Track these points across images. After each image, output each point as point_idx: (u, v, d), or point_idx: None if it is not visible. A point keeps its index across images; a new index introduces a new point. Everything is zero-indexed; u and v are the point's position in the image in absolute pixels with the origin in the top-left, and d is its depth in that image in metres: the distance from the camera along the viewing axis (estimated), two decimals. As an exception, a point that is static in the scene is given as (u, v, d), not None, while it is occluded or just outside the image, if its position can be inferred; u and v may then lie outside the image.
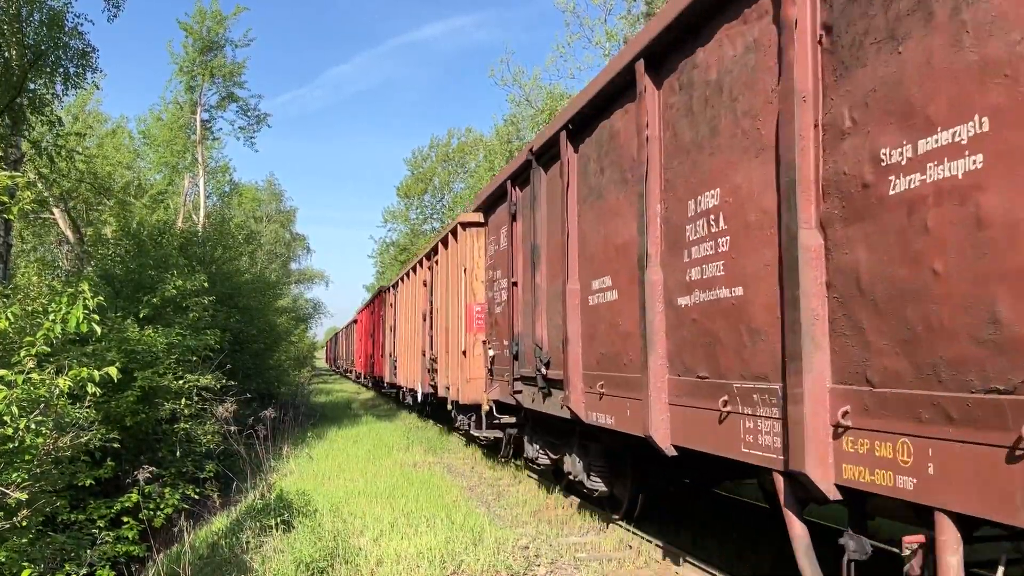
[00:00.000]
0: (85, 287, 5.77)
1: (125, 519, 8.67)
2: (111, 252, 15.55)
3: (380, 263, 55.70)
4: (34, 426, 5.48)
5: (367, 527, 7.57)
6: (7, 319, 5.74)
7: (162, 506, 9.34)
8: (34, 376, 5.45)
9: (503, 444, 11.28)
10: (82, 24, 22.25)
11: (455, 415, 13.31)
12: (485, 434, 11.71)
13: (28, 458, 5.73)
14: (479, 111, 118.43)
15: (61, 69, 16.29)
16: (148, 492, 9.05)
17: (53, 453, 6.50)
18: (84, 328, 5.60)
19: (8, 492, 5.35)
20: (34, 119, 16.46)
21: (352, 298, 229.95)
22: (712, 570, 5.79)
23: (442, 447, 14.56)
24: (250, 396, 15.43)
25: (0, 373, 5.17)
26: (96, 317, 5.68)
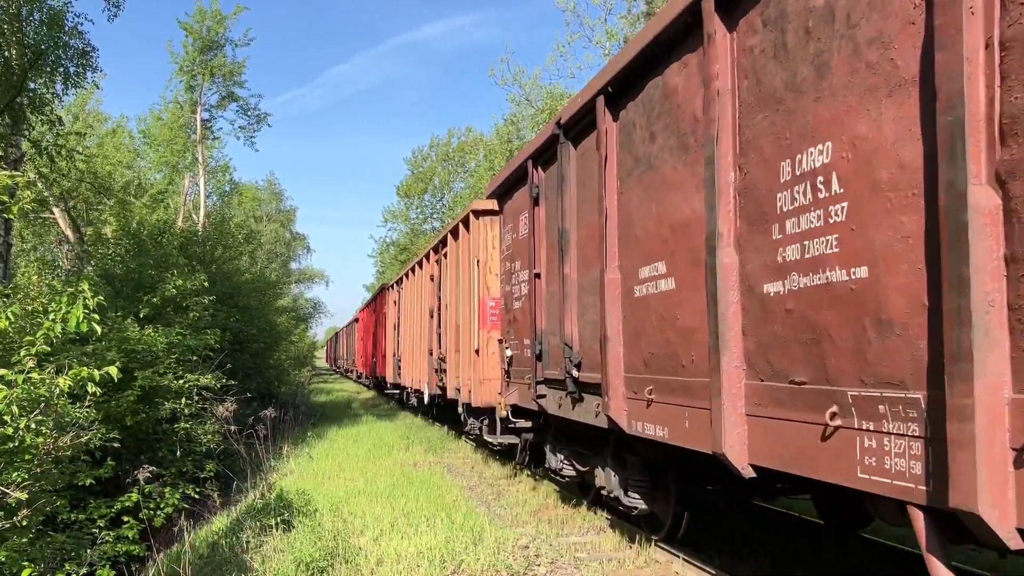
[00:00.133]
0: (85, 286, 5.76)
1: (125, 518, 8.68)
2: (111, 252, 15.55)
3: (380, 263, 55.75)
4: (34, 425, 5.49)
5: (367, 527, 7.57)
6: (7, 318, 5.75)
7: (162, 506, 9.34)
8: (34, 375, 5.45)
9: (518, 451, 10.46)
10: (82, 23, 22.30)
11: (465, 418, 12.63)
12: (500, 440, 10.94)
13: (28, 457, 5.74)
14: (479, 111, 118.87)
15: (61, 68, 16.31)
16: (148, 492, 9.06)
17: (53, 453, 6.50)
18: (84, 327, 5.60)
19: (8, 492, 5.35)
20: (34, 118, 16.48)
21: (352, 298, 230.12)
22: (712, 570, 5.79)
23: (442, 447, 14.56)
24: (250, 396, 15.43)
25: (0, 372, 5.18)
26: (96, 317, 5.68)
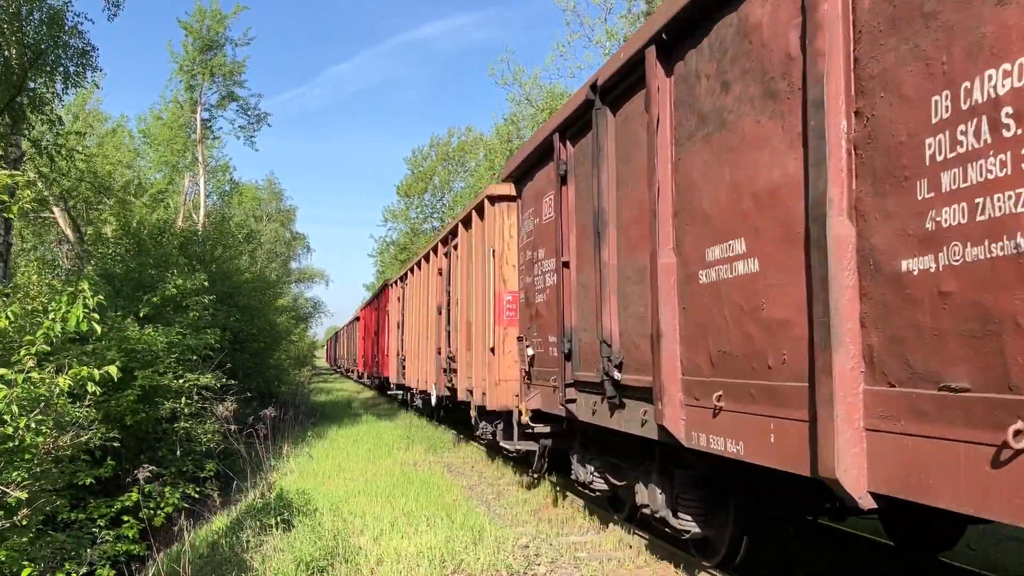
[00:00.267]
0: (85, 286, 5.76)
1: (125, 518, 8.69)
2: (111, 251, 15.57)
3: (380, 262, 55.79)
4: (34, 425, 5.48)
5: (367, 526, 7.57)
6: (7, 318, 5.74)
7: (162, 505, 9.34)
8: (34, 375, 5.45)
9: (536, 457, 9.57)
10: (82, 23, 22.32)
11: (477, 422, 11.80)
12: (518, 447, 10.02)
13: (28, 457, 5.74)
14: (479, 110, 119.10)
15: (61, 68, 16.31)
16: (148, 491, 9.06)
17: (53, 452, 6.51)
18: (84, 327, 5.60)
19: (8, 491, 5.35)
20: (34, 118, 16.48)
21: (352, 297, 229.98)
22: (713, 570, 5.79)
23: (442, 446, 14.56)
24: (250, 395, 15.43)
25: (0, 372, 5.17)
26: (96, 316, 5.67)
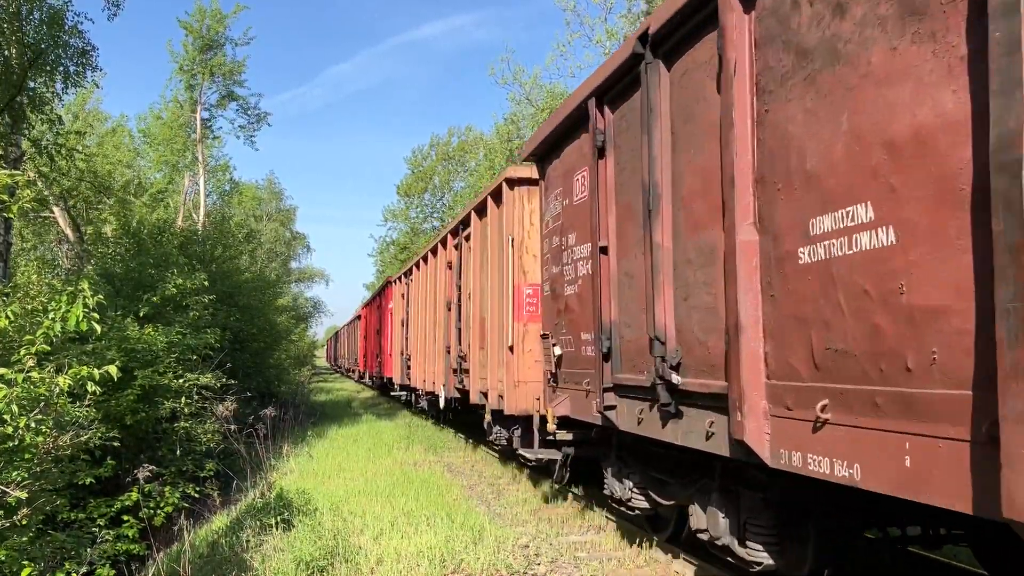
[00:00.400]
0: (85, 286, 5.76)
1: (125, 518, 8.68)
2: (111, 251, 15.58)
3: (380, 262, 55.81)
4: (34, 425, 5.48)
5: (367, 526, 7.57)
6: (7, 318, 5.74)
7: (162, 505, 9.34)
8: (34, 375, 5.45)
9: (557, 466, 8.41)
10: (82, 23, 22.22)
11: (490, 426, 10.83)
12: (539, 455, 8.94)
13: (28, 457, 5.73)
14: (479, 110, 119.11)
15: (61, 68, 16.32)
16: (148, 491, 9.06)
17: (53, 452, 6.50)
18: (84, 327, 5.60)
19: (8, 491, 5.34)
20: (34, 117, 16.49)
21: (352, 297, 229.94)
22: (713, 570, 5.79)
23: (442, 446, 14.56)
24: (250, 395, 15.44)
25: (0, 371, 5.17)
26: (96, 316, 5.68)
